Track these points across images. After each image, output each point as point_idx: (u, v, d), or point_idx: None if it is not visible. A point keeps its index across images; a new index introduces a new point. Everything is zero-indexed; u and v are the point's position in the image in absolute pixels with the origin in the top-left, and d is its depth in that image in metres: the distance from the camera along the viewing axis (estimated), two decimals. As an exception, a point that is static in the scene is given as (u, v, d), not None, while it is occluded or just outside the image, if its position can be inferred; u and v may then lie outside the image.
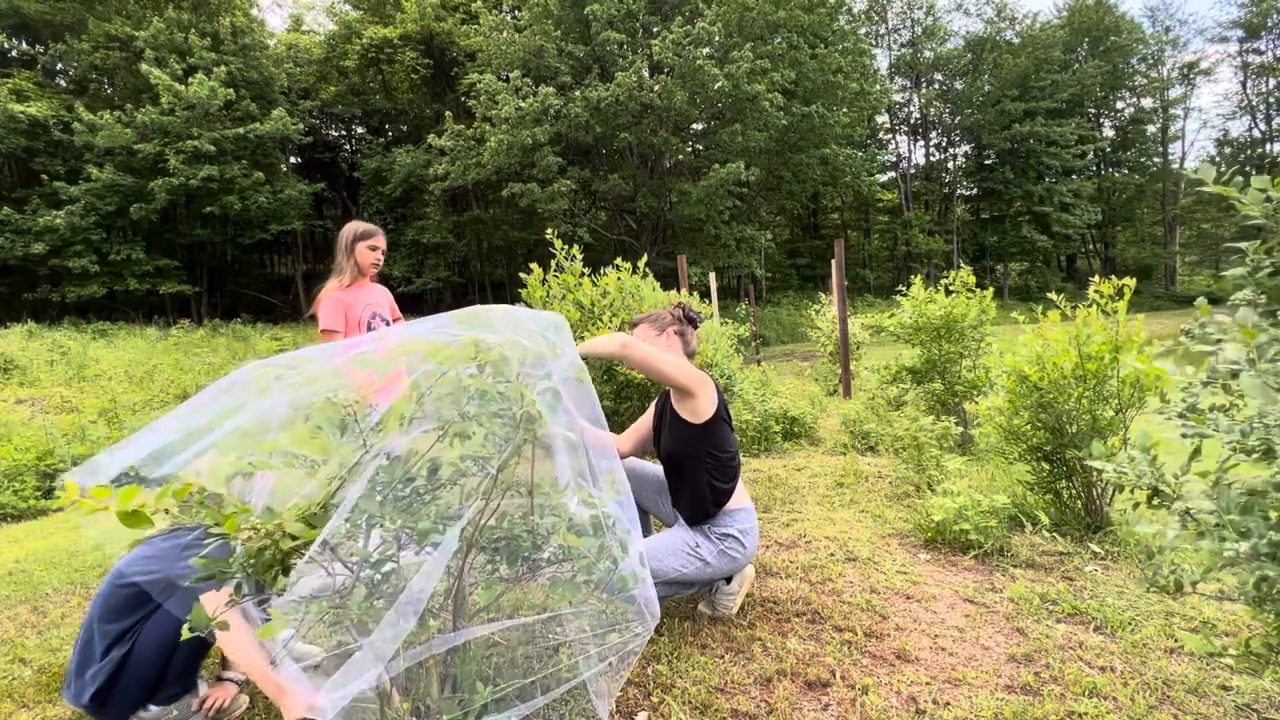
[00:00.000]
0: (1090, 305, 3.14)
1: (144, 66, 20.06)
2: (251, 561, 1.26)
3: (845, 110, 25.48)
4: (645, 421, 2.57)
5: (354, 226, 3.17)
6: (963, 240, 37.63)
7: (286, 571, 1.28)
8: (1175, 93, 38.94)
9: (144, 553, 1.81)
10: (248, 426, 1.39)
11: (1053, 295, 3.40)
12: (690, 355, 2.47)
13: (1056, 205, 34.30)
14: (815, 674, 2.02)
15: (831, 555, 3.02)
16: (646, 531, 2.63)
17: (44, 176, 20.83)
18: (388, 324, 3.15)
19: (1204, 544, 1.21)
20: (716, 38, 21.36)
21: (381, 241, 3.18)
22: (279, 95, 24.62)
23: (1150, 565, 2.55)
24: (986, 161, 37.42)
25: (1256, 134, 38.46)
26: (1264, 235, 1.25)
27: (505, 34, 23.26)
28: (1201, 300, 1.32)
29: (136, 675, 1.83)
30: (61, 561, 3.81)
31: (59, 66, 23.79)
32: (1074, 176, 36.38)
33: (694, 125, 24.97)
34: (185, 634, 1.27)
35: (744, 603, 2.53)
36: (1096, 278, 3.22)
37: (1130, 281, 3.07)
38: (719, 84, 20.69)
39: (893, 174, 40.81)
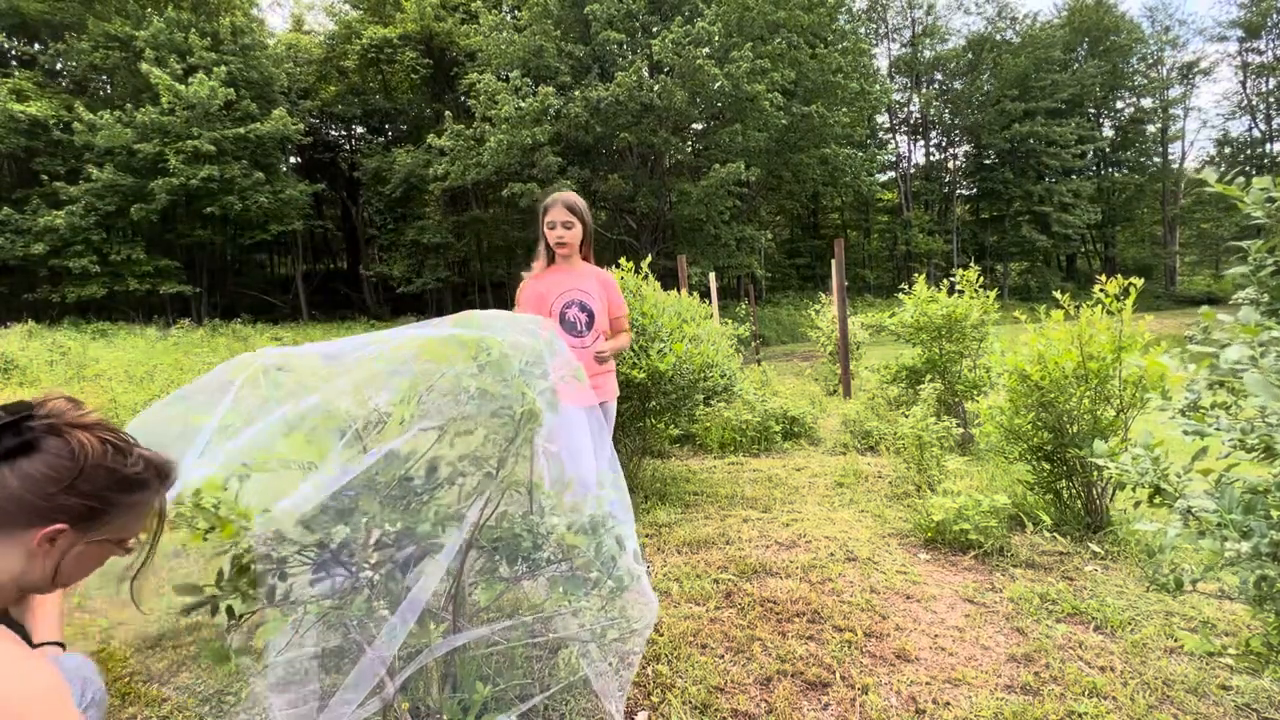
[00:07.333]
0: (1095, 304, 3.12)
1: (144, 66, 20.08)
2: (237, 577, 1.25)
3: (845, 110, 25.45)
4: None
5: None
6: (962, 240, 37.60)
7: (284, 577, 1.28)
8: (1175, 93, 38.89)
9: None
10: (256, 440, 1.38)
11: (1057, 294, 3.39)
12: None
13: (1056, 205, 34.25)
14: (815, 674, 2.02)
15: (831, 555, 3.01)
16: None
17: (44, 176, 20.86)
18: (590, 314, 2.70)
19: (1205, 543, 1.21)
20: (716, 37, 21.31)
21: (560, 214, 2.66)
22: (279, 95, 24.64)
23: (1151, 564, 2.55)
24: (986, 161, 37.38)
25: (1256, 134, 38.38)
26: (1266, 234, 1.24)
27: (505, 34, 23.23)
28: (1206, 308, 1.33)
29: None
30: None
31: (59, 66, 23.81)
32: (1074, 176, 36.33)
33: (694, 125, 24.95)
34: None
35: (744, 602, 2.53)
36: (1102, 277, 3.19)
37: (1137, 281, 3.03)
38: (719, 84, 20.66)
39: (892, 174, 40.74)
